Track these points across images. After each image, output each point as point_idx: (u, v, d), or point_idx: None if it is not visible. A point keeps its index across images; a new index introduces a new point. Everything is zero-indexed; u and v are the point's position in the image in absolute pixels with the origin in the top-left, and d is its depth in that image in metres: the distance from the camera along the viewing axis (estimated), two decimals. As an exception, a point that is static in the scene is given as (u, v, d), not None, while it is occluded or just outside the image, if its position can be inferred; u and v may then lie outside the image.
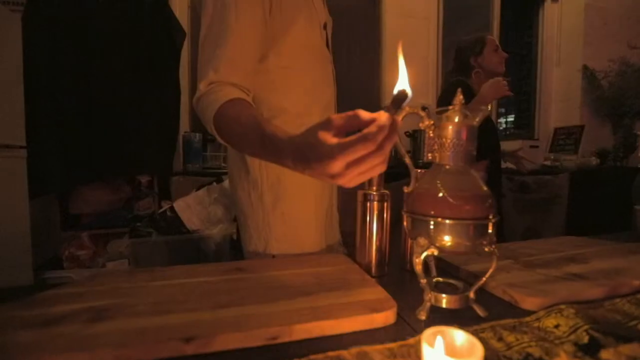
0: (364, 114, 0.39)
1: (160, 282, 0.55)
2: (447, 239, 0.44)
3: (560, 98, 3.02)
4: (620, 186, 2.43)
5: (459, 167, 0.46)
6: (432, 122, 0.47)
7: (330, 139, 0.38)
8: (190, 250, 1.21)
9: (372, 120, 0.39)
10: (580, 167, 2.59)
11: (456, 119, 0.45)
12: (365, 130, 0.37)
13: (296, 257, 0.69)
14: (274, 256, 0.72)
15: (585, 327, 0.44)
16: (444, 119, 0.46)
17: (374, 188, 0.64)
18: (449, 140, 0.45)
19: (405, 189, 0.48)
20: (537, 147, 2.53)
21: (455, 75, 1.49)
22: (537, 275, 0.60)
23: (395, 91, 0.41)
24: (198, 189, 1.47)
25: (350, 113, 0.39)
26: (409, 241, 0.70)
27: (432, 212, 0.45)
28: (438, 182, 0.45)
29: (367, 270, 0.65)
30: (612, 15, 2.91)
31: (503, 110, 3.32)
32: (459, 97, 0.47)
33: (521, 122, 3.31)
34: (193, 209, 1.22)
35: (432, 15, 2.58)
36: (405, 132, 2.36)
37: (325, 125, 0.40)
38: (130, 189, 1.51)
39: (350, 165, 0.38)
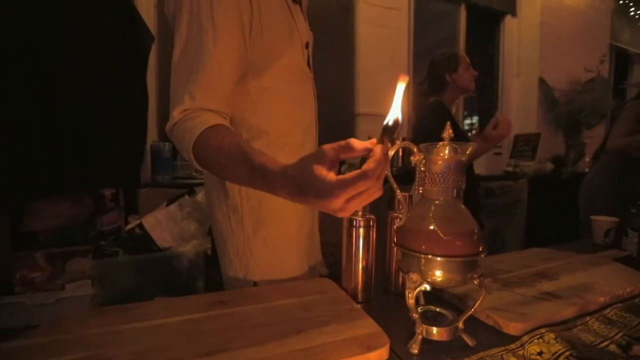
0: (357, 144, 0.39)
1: (137, 324, 0.50)
2: (438, 274, 0.44)
3: (519, 107, 3.23)
4: (572, 190, 2.64)
5: (448, 201, 0.46)
6: (422, 156, 0.47)
7: (328, 175, 0.38)
8: (161, 269, 1.15)
9: (365, 150, 0.39)
10: (537, 172, 2.78)
11: (446, 155, 0.45)
12: (365, 167, 0.37)
13: (280, 284, 0.67)
14: (255, 283, 0.70)
15: (567, 353, 0.46)
16: (434, 153, 0.46)
17: (360, 214, 0.64)
18: (439, 175, 0.46)
19: (397, 223, 0.48)
20: (500, 154, 2.69)
21: (430, 89, 1.52)
22: (516, 296, 0.63)
23: (387, 120, 0.41)
24: (168, 202, 1.40)
25: (342, 143, 0.39)
26: (393, 263, 0.70)
27: (423, 247, 0.45)
28: (429, 217, 0.46)
29: (354, 295, 0.64)
30: (565, 32, 3.16)
31: (467, 113, 3.47)
32: (448, 131, 0.47)
33: (483, 129, 3.49)
34: (164, 225, 1.15)
35: (403, 25, 2.65)
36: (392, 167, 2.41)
37: (319, 158, 0.39)
38: (92, 203, 1.40)
39: (350, 200, 0.38)
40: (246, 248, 0.69)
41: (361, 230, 0.63)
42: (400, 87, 0.41)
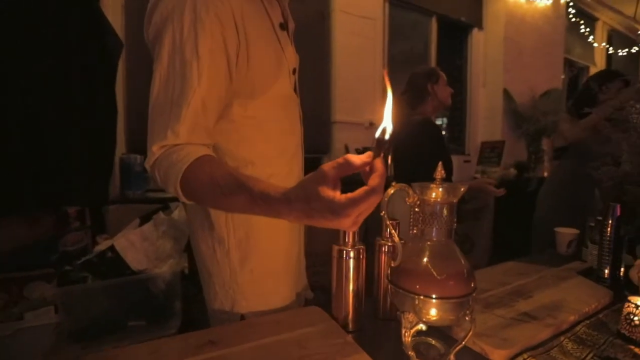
0: (355, 160, 0.40)
1: (121, 377, 0.47)
2: (433, 314, 0.46)
3: (485, 116, 3.41)
4: (534, 194, 2.83)
5: (441, 241, 0.48)
6: (417, 198, 0.48)
7: (335, 195, 0.39)
8: (135, 293, 1.09)
9: (364, 164, 0.40)
10: (502, 177, 2.95)
11: (439, 197, 0.47)
12: (372, 183, 0.39)
13: (269, 316, 0.66)
14: (242, 315, 0.68)
15: (548, 380, 0.49)
16: (427, 194, 0.48)
17: (350, 244, 0.64)
18: (432, 216, 0.47)
19: (392, 264, 0.49)
20: (469, 161, 2.82)
21: (410, 101, 1.56)
22: (497, 319, 0.66)
23: (379, 133, 0.41)
24: (141, 219, 1.32)
25: (341, 161, 0.40)
26: (382, 289, 0.71)
27: (417, 287, 0.46)
28: (423, 258, 0.47)
29: (344, 325, 0.64)
30: (526, 47, 3.38)
31: (439, 122, 3.62)
32: (441, 172, 0.49)
33: (453, 135, 3.65)
34: (138, 246, 1.09)
35: (378, 34, 2.71)
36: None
37: (322, 180, 0.40)
38: (53, 221, 1.29)
39: (360, 215, 0.40)
40: (233, 281, 0.66)
41: (351, 262, 0.63)
42: (389, 99, 0.41)
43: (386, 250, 0.68)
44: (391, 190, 0.46)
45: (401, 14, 2.93)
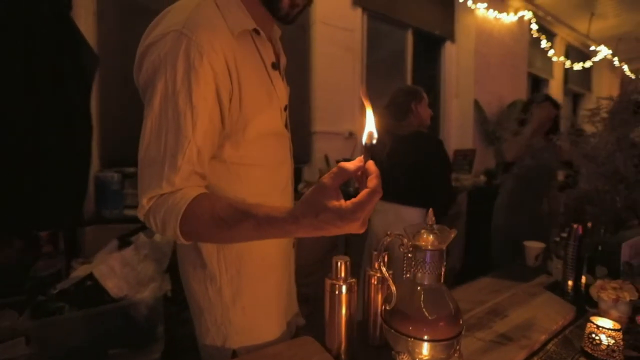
0: (349, 166, 0.43)
1: None
2: (425, 354, 0.49)
3: (457, 125, 3.57)
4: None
5: (432, 285, 0.51)
6: (410, 244, 0.51)
7: (342, 204, 0.42)
8: (116, 321, 1.05)
9: (358, 169, 0.43)
10: (474, 185, 3.10)
11: (430, 245, 0.50)
12: (372, 185, 0.42)
13: (263, 351, 0.67)
14: (234, 351, 0.68)
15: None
16: (419, 241, 0.51)
17: (342, 279, 0.66)
18: (424, 263, 0.50)
19: (387, 307, 0.51)
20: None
21: (391, 116, 1.60)
22: (478, 342, 0.71)
23: (365, 139, 0.44)
24: (120, 239, 1.28)
25: (335, 170, 0.43)
26: (371, 313, 0.74)
27: (410, 329, 0.49)
28: (415, 301, 0.50)
29: (337, 355, 0.67)
30: (494, 60, 3.57)
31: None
32: (432, 219, 0.52)
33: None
34: (118, 272, 1.05)
35: (357, 45, 2.76)
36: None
37: (325, 193, 0.42)
38: (22, 245, 1.22)
39: (366, 215, 0.43)
40: (225, 317, 0.67)
41: (343, 296, 0.66)
42: (369, 112, 0.44)
43: (376, 282, 0.71)
44: (388, 239, 0.49)
45: (378, 25, 3.01)
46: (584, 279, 1.00)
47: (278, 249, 0.73)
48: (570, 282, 1.01)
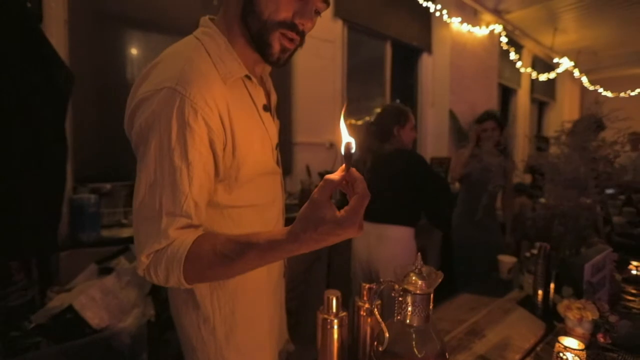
0: (335, 177, 0.46)
1: None
2: (416, 392, 0.52)
3: (433, 133, 3.70)
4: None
5: (420, 326, 0.54)
6: (401, 288, 0.54)
7: (337, 214, 0.44)
8: (98, 353, 1.02)
9: (342, 178, 0.46)
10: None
11: (418, 290, 0.53)
12: (359, 190, 0.45)
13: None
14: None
15: None
16: (409, 285, 0.54)
17: (333, 313, 0.68)
18: (414, 306, 0.54)
19: (379, 347, 0.54)
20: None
21: (377, 134, 1.62)
22: (459, 366, 0.76)
23: (342, 149, 0.46)
24: (98, 263, 1.24)
25: (323, 184, 0.45)
26: (360, 342, 0.77)
27: (403, 368, 0.52)
28: (407, 344, 0.53)
29: (329, 387, 0.69)
30: (467, 71, 3.73)
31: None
32: (419, 261, 0.56)
33: (406, 148, 3.90)
34: (100, 302, 1.02)
35: (338, 57, 2.80)
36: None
37: (321, 206, 0.44)
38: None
39: (360, 219, 0.46)
40: (218, 355, 0.67)
41: (335, 330, 0.68)
42: (342, 119, 0.47)
43: (365, 314, 0.74)
44: (381, 286, 0.52)
45: (358, 36, 3.06)
46: (552, 294, 1.09)
47: (269, 282, 0.74)
48: (540, 298, 1.09)
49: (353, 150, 0.45)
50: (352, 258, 1.70)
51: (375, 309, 0.56)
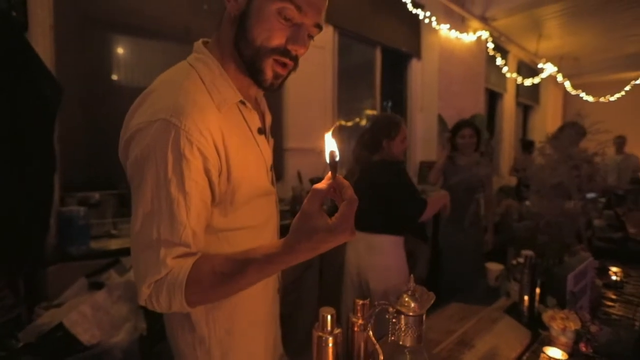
0: (322, 186, 0.48)
1: None
2: (410, 411, 0.54)
3: (423, 138, 3.75)
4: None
5: (414, 346, 0.56)
6: (394, 310, 0.56)
7: (329, 221, 0.46)
8: (88, 370, 1.00)
9: (330, 186, 0.48)
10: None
11: (411, 312, 0.55)
12: (347, 196, 0.47)
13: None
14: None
15: None
16: (403, 307, 0.56)
17: (328, 331, 0.70)
18: (407, 327, 0.55)
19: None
20: (411, 183, 3.09)
21: (365, 147, 1.64)
22: (450, 379, 0.78)
23: (327, 158, 0.48)
24: (88, 277, 1.22)
25: (311, 194, 0.48)
26: (355, 352, 0.78)
27: (397, 388, 0.54)
28: (401, 363, 0.55)
29: (324, 404, 0.70)
30: (455, 77, 3.80)
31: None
32: (412, 283, 0.58)
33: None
34: (91, 318, 1.00)
35: (328, 62, 2.81)
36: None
37: (312, 216, 0.47)
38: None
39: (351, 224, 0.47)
40: (215, 376, 0.67)
41: (330, 347, 0.69)
42: (327, 134, 0.48)
43: (358, 329, 0.75)
44: (376, 309, 0.54)
45: (348, 42, 3.08)
46: (537, 303, 1.13)
47: (265, 300, 0.75)
48: (525, 306, 1.13)
49: (337, 159, 0.47)
50: (344, 266, 1.72)
51: (370, 331, 0.57)
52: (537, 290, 1.14)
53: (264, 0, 0.56)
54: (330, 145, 0.47)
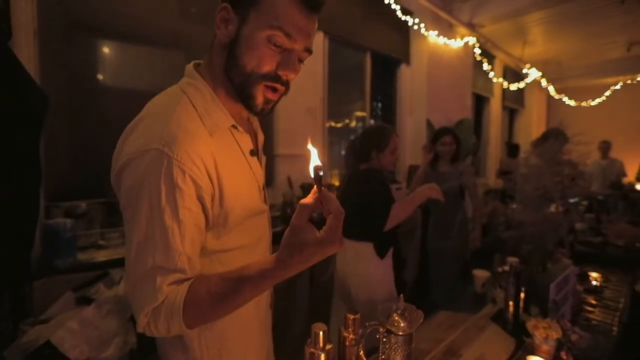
0: (309, 201, 0.50)
1: None
2: None
3: (412, 142, 3.80)
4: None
5: (404, 364, 0.58)
6: (384, 330, 0.58)
7: (318, 235, 0.48)
8: (76, 387, 0.99)
9: (317, 200, 0.49)
10: (428, 200, 3.32)
11: (401, 331, 0.57)
12: (333, 209, 0.49)
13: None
14: None
15: None
16: (392, 326, 0.57)
17: (320, 347, 0.71)
18: (397, 345, 0.57)
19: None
20: (400, 189, 3.12)
21: (355, 157, 1.65)
22: (438, 389, 0.81)
23: (312, 173, 0.49)
24: (75, 291, 1.20)
25: (299, 210, 0.49)
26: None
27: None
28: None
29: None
30: (443, 82, 3.87)
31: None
32: (402, 302, 0.59)
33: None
34: (79, 334, 0.99)
35: (319, 69, 2.82)
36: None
37: (301, 231, 0.49)
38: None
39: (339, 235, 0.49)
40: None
41: (322, 364, 0.70)
42: (310, 145, 0.50)
43: (349, 344, 0.76)
44: (367, 330, 0.55)
45: (339, 48, 3.10)
46: (521, 310, 1.17)
47: (257, 317, 0.76)
48: (510, 313, 1.17)
49: (322, 174, 0.49)
50: (334, 275, 1.74)
51: (362, 351, 0.59)
52: (522, 293, 1.18)
53: (254, 28, 0.57)
54: (314, 159, 0.49)
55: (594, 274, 1.51)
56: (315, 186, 0.50)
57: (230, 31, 0.58)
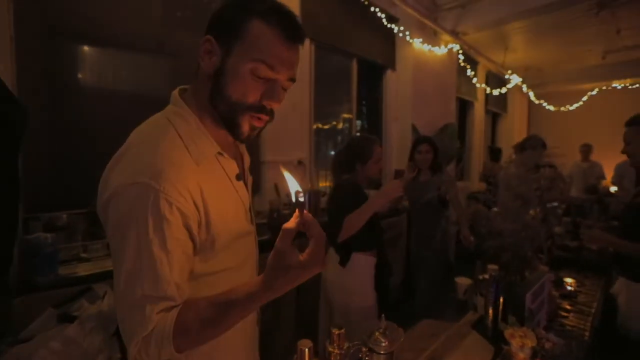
0: (291, 225, 0.52)
1: None
2: None
3: (397, 146, 3.86)
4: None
5: (385, 382, 0.60)
6: (366, 350, 0.60)
7: (301, 258, 0.51)
8: (58, 407, 0.97)
9: (299, 223, 0.52)
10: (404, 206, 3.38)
11: (382, 350, 0.59)
12: (314, 234, 0.53)
13: None
14: None
15: None
16: (374, 345, 0.60)
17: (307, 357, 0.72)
18: (378, 365, 0.59)
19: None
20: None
21: (340, 168, 1.69)
22: (420, 401, 0.83)
23: (292, 196, 0.53)
24: (57, 307, 1.18)
25: (282, 234, 0.52)
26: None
27: None
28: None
29: None
30: (428, 87, 3.95)
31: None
32: (384, 322, 0.61)
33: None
34: (62, 354, 0.97)
35: (305, 75, 2.84)
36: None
37: (285, 255, 0.51)
38: None
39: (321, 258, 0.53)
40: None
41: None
42: (285, 172, 0.54)
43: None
44: (351, 350, 0.57)
45: (325, 54, 3.13)
46: (500, 318, 1.21)
47: (244, 334, 0.77)
48: (490, 321, 1.21)
49: (302, 199, 0.51)
50: (321, 284, 1.76)
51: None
52: (501, 301, 1.22)
53: (238, 60, 0.58)
54: (294, 185, 0.52)
55: (568, 280, 1.58)
56: (297, 210, 0.52)
57: (214, 62, 0.59)
